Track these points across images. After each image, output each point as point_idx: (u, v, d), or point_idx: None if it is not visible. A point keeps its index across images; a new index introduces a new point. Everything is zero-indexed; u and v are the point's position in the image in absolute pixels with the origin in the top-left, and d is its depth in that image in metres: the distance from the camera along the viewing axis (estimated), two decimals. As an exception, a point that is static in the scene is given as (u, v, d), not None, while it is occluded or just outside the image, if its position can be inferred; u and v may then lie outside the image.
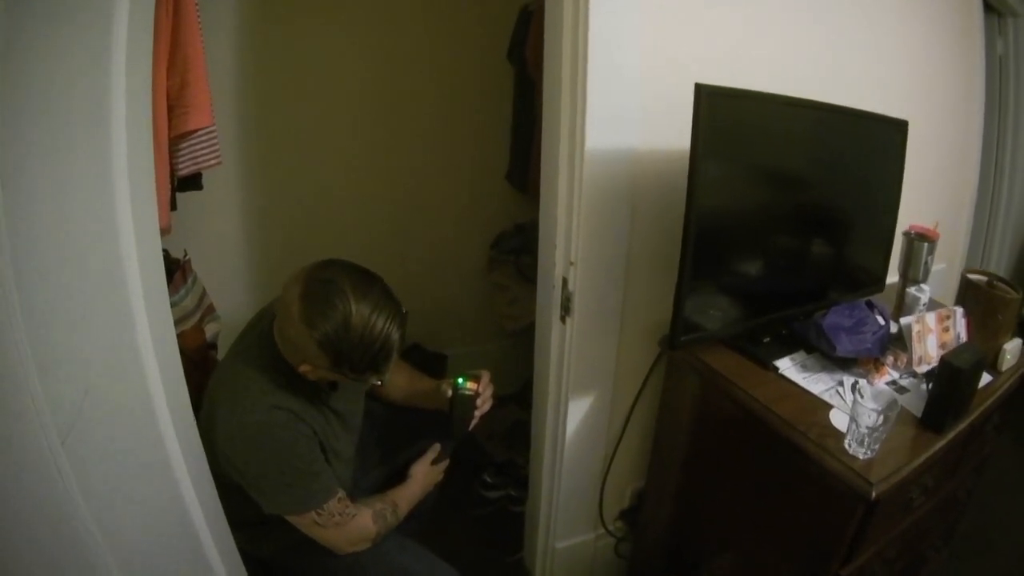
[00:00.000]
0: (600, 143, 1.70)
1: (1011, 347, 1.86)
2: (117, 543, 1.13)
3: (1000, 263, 3.43)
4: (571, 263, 1.82)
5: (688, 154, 1.52)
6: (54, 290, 0.98)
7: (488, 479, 2.72)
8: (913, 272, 2.03)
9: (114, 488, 1.12)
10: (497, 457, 2.85)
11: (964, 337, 1.86)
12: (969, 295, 1.95)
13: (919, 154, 2.11)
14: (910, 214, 2.13)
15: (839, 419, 1.56)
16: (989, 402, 1.73)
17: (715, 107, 1.49)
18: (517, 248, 3.06)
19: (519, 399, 3.03)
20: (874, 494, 1.35)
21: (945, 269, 2.79)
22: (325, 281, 1.41)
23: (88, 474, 1.06)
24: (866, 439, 1.42)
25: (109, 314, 1.04)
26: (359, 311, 1.38)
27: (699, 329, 1.72)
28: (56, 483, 1.02)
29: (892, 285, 2.17)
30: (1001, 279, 1.96)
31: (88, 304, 1.02)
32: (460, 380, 1.78)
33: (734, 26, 1.84)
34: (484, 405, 1.82)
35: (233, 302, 2.52)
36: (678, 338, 1.66)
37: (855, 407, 1.42)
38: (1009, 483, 2.93)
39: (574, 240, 1.79)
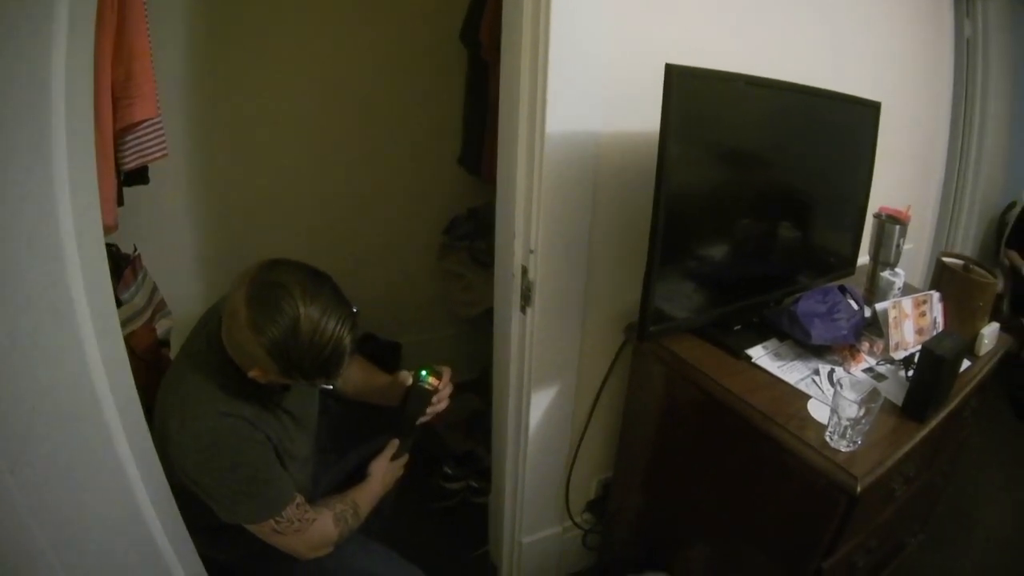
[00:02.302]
0: (561, 127, 1.63)
1: (988, 331, 1.84)
2: (74, 564, 1.10)
3: (966, 244, 3.46)
4: (531, 251, 1.75)
5: (653, 138, 1.46)
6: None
7: (448, 471, 2.66)
8: (884, 254, 2.01)
9: (68, 510, 1.09)
10: (456, 448, 2.79)
11: (941, 322, 1.84)
12: (945, 279, 1.92)
13: (888, 135, 2.09)
14: (879, 195, 2.12)
15: (817, 409, 1.52)
16: (968, 388, 1.72)
17: (686, 88, 1.44)
18: (471, 233, 3.02)
19: (476, 387, 2.99)
20: (859, 488, 1.31)
21: (912, 250, 2.77)
22: (272, 284, 1.33)
23: (41, 500, 1.03)
24: (848, 431, 1.37)
25: (52, 325, 0.98)
26: (308, 315, 1.31)
27: (668, 318, 1.66)
28: (8, 515, 0.98)
29: (861, 267, 2.15)
30: (976, 263, 1.93)
31: (28, 316, 0.95)
32: (423, 372, 1.73)
33: (700, 9, 1.78)
34: (439, 404, 1.78)
35: (185, 296, 2.46)
36: (647, 329, 1.60)
37: (836, 399, 1.37)
38: (981, 462, 2.94)
39: (534, 227, 1.73)
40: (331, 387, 1.46)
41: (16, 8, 0.85)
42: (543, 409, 1.98)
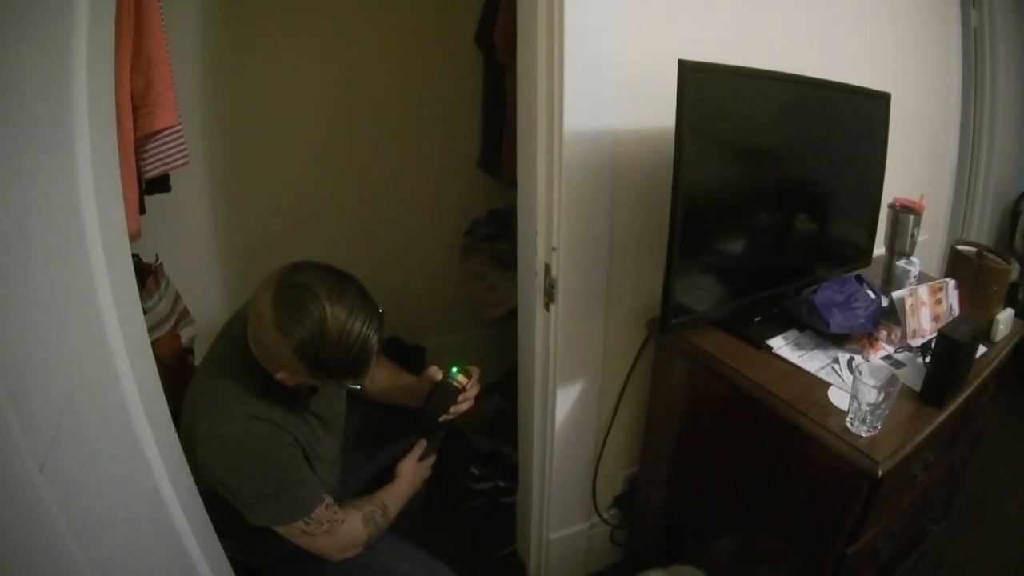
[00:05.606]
0: (579, 125, 1.65)
1: (1004, 317, 1.86)
2: (104, 567, 1.08)
3: (980, 234, 3.45)
4: (553, 249, 1.77)
5: (669, 134, 1.49)
6: (19, 305, 0.91)
7: (475, 471, 2.67)
8: (900, 245, 2.01)
9: (97, 510, 1.07)
10: (483, 448, 2.81)
11: (956, 309, 1.85)
12: (959, 266, 1.93)
13: (900, 126, 2.10)
14: (893, 186, 2.12)
15: (838, 397, 1.54)
16: (986, 373, 1.73)
17: (699, 83, 1.46)
18: (492, 235, 3.03)
19: (502, 388, 3.01)
20: (880, 472, 1.33)
21: (927, 241, 2.78)
22: (298, 286, 1.34)
23: (69, 499, 1.01)
24: (868, 417, 1.39)
25: (80, 327, 0.98)
26: (334, 315, 1.32)
27: (689, 311, 1.69)
28: (37, 513, 0.97)
29: (878, 258, 2.16)
30: (990, 250, 1.95)
31: (57, 318, 0.95)
32: (454, 369, 1.74)
33: (713, 5, 1.80)
34: (463, 404, 1.78)
35: (208, 304, 2.49)
36: (669, 321, 1.63)
37: (855, 384, 1.39)
38: (1001, 450, 2.93)
39: (555, 225, 1.75)
40: (358, 387, 1.48)
41: (38, 16, 0.86)
42: (568, 405, 1.99)
